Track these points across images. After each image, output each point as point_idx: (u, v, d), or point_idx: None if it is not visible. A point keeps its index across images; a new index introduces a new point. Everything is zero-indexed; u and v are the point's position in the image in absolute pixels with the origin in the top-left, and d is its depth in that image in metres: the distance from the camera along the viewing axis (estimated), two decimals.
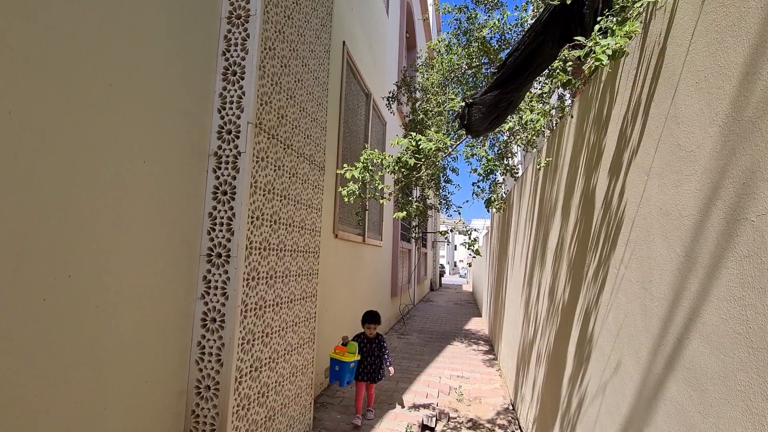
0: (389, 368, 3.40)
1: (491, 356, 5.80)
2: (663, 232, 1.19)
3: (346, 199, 2.43)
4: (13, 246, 1.23)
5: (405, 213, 2.56)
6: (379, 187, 2.47)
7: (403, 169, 2.13)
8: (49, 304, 1.33)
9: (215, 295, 2.06)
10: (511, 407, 3.78)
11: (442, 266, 28.84)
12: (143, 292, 1.74)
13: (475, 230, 2.59)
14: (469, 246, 2.57)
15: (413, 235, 5.16)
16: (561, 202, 2.35)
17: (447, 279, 32.34)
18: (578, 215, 2.01)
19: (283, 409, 2.55)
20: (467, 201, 3.41)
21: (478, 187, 3.16)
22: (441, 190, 4.72)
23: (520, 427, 3.31)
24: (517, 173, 4.23)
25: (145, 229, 1.75)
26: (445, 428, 3.31)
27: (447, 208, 4.98)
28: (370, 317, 3.41)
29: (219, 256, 2.09)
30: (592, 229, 1.76)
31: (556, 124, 2.84)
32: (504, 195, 4.68)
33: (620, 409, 1.40)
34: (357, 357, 3.16)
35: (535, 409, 2.82)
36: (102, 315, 1.54)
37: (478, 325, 8.75)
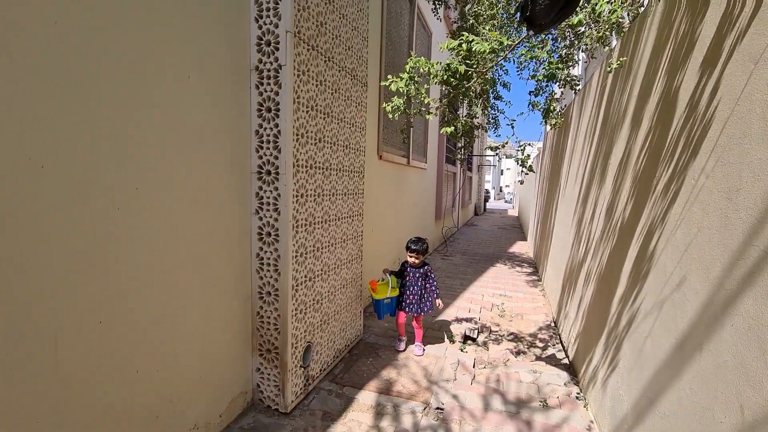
0: (437, 300, 3.12)
1: (535, 277, 5.84)
2: (765, 132, 1.01)
3: (390, 116, 2.32)
4: (89, 158, 1.31)
5: (452, 128, 2.41)
6: (425, 101, 2.31)
7: (452, 79, 1.95)
8: (122, 213, 1.45)
9: (268, 210, 2.16)
10: (553, 324, 3.87)
11: (487, 191, 28.27)
12: (205, 206, 1.85)
13: (529, 144, 2.38)
14: (522, 162, 2.42)
15: (459, 156, 4.96)
16: (632, 109, 2.09)
17: (492, 204, 31.88)
18: (652, 123, 1.78)
19: (336, 315, 2.78)
20: (522, 113, 3.00)
21: (535, 96, 2.83)
22: (490, 108, 4.38)
23: (561, 342, 3.41)
24: (578, 85, 3.79)
25: (199, 146, 1.79)
26: (486, 339, 3.48)
27: (495, 128, 4.66)
28: (415, 245, 3.05)
29: (268, 173, 2.13)
30: (669, 138, 1.56)
31: (635, 17, 2.41)
32: (561, 110, 4.27)
33: (678, 324, 1.35)
34: (393, 293, 3.04)
35: (578, 325, 2.85)
36: (170, 224, 1.67)
37: (522, 248, 8.72)
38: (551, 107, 2.50)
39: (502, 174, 59.84)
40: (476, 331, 3.49)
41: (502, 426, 2.21)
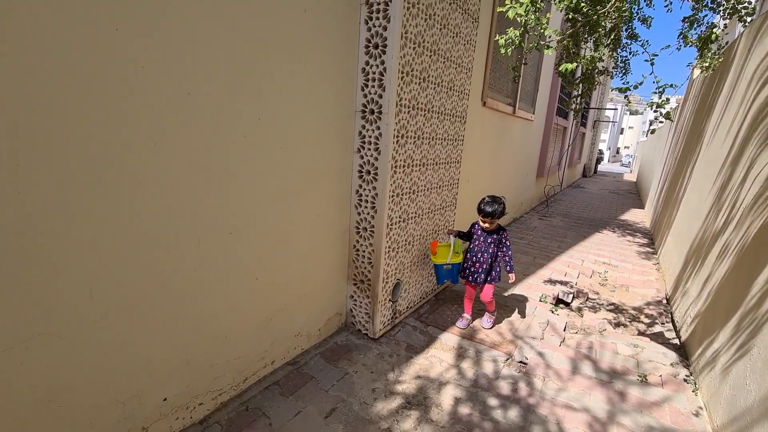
0: (510, 275, 2.62)
1: (649, 249, 5.17)
2: None
3: (502, 50, 2.11)
4: (223, 91, 1.47)
5: (574, 65, 2.10)
6: (546, 33, 2.04)
7: (582, 3, 1.66)
8: (248, 140, 1.63)
9: (369, 149, 2.21)
10: (664, 301, 3.44)
11: (601, 151, 24.96)
12: (313, 141, 1.97)
13: (671, 85, 1.92)
14: (658, 106, 2.01)
15: (573, 106, 4.40)
16: None
17: (605, 166, 28.29)
18: None
19: (426, 259, 2.85)
20: (667, 46, 2.33)
21: (689, 27, 2.24)
22: (621, 49, 3.70)
23: (672, 320, 3.03)
24: (751, 15, 2.96)
25: (310, 83, 1.88)
26: (581, 306, 3.26)
27: (624, 73, 3.95)
28: (490, 207, 2.47)
29: (372, 112, 2.16)
30: None
31: None
32: (720, 48, 3.43)
33: None
34: (455, 259, 2.62)
35: (701, 304, 2.48)
36: (284, 155, 1.83)
37: (637, 216, 7.70)
38: (711, 36, 1.98)
39: (621, 133, 51.90)
40: (571, 296, 3.28)
41: (590, 391, 2.11)
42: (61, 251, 1.12)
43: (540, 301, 3.22)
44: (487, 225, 2.54)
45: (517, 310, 3.00)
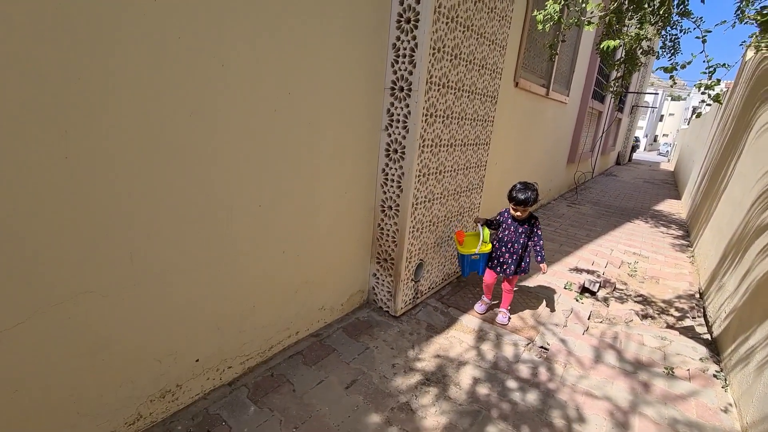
0: (541, 264, 2.44)
1: (684, 242, 4.95)
2: None
3: (540, 27, 2.02)
4: (255, 64, 1.48)
5: (617, 42, 1.98)
6: (588, 8, 1.93)
7: None
8: (279, 114, 1.64)
9: (397, 127, 2.19)
10: (697, 295, 3.30)
11: (637, 138, 23.77)
12: (340, 117, 1.97)
13: (724, 65, 1.77)
14: (707, 88, 1.88)
15: (612, 89, 4.19)
16: None
17: (640, 155, 27.00)
18: None
19: (449, 240, 2.84)
20: (723, 22, 2.14)
21: (744, 6, 2.05)
22: (670, 27, 3.46)
23: (705, 315, 2.92)
24: None
25: (338, 58, 1.86)
26: (608, 296, 3.18)
27: (672, 53, 3.70)
28: (522, 194, 2.31)
29: (401, 89, 2.13)
30: None
31: None
32: None
33: None
34: (483, 249, 2.46)
35: (737, 299, 2.38)
36: (313, 130, 1.84)
37: (673, 207, 7.36)
38: None
39: (660, 120, 49.09)
40: (597, 285, 3.21)
41: (612, 380, 2.08)
42: (106, 216, 1.18)
43: (565, 288, 3.16)
44: (518, 213, 2.38)
45: (540, 297, 2.97)
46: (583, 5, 1.97)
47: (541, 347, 2.32)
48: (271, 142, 1.65)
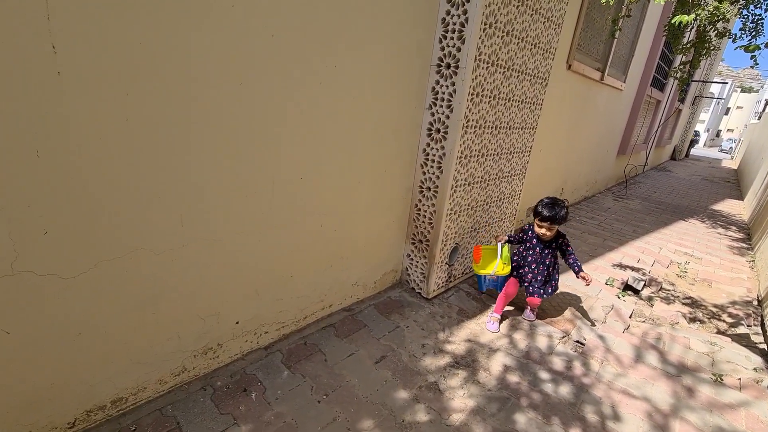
0: (581, 274, 2.19)
1: (744, 245, 4.57)
2: None
3: (603, 0, 1.86)
4: (304, 36, 1.48)
5: (692, 17, 1.78)
6: None
7: None
8: (324, 87, 1.64)
9: (441, 107, 2.14)
10: (756, 302, 3.06)
11: (697, 133, 21.92)
12: (384, 94, 1.94)
13: None
14: None
15: (677, 75, 3.86)
16: None
17: (699, 150, 24.96)
18: None
19: (487, 226, 2.77)
20: None
21: None
22: (755, 5, 3.09)
23: (762, 323, 2.70)
24: None
25: (385, 32, 1.82)
26: (653, 295, 3.01)
27: (754, 35, 3.31)
28: (549, 211, 2.11)
29: (448, 66, 2.06)
30: None
31: None
32: None
33: None
34: (502, 270, 2.26)
35: None
36: (357, 105, 1.82)
37: (733, 208, 6.79)
38: None
39: (726, 114, 44.85)
40: (642, 283, 3.04)
41: (653, 381, 1.98)
42: (161, 180, 1.24)
43: (606, 284, 3.02)
44: (544, 231, 2.17)
45: (578, 290, 2.85)
46: None
47: (577, 341, 2.24)
48: (315, 116, 1.65)
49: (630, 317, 2.60)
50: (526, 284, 2.34)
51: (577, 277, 2.20)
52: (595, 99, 4.59)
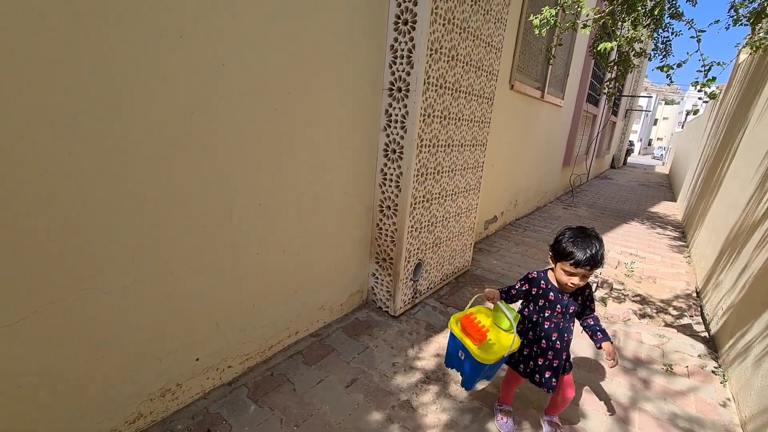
0: (605, 344, 1.46)
1: (680, 243, 4.99)
2: None
3: (536, 31, 2.06)
4: (255, 64, 1.49)
5: (613, 44, 2.01)
6: (583, 11, 1.97)
7: None
8: (279, 114, 1.66)
9: (395, 128, 2.21)
10: (694, 294, 3.33)
11: (632, 142, 23.97)
12: (340, 118, 1.99)
13: (719, 64, 1.80)
14: (703, 86, 1.92)
15: (606, 91, 4.24)
16: None
17: (635, 158, 27.22)
18: None
19: (447, 241, 2.85)
20: (716, 21, 2.17)
21: (738, 6, 2.10)
22: (662, 29, 3.52)
23: (702, 314, 2.94)
24: None
25: (336, 58, 1.88)
26: (606, 296, 3.19)
27: (665, 55, 3.76)
28: (586, 251, 1.33)
29: (399, 90, 2.15)
30: None
31: None
32: None
33: None
34: (510, 347, 1.41)
35: (734, 296, 2.40)
36: (312, 128, 1.85)
37: (668, 209, 7.42)
38: (766, 9, 1.85)
39: (654, 124, 49.55)
40: (595, 285, 3.23)
41: (612, 377, 2.09)
42: (109, 213, 1.19)
43: None
44: (575, 281, 1.37)
45: None
46: (579, 9, 2.01)
47: None
48: (270, 141, 1.66)
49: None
50: (535, 376, 1.53)
51: (597, 347, 1.48)
52: (538, 115, 4.93)
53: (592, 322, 1.53)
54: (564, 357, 1.51)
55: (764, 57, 3.64)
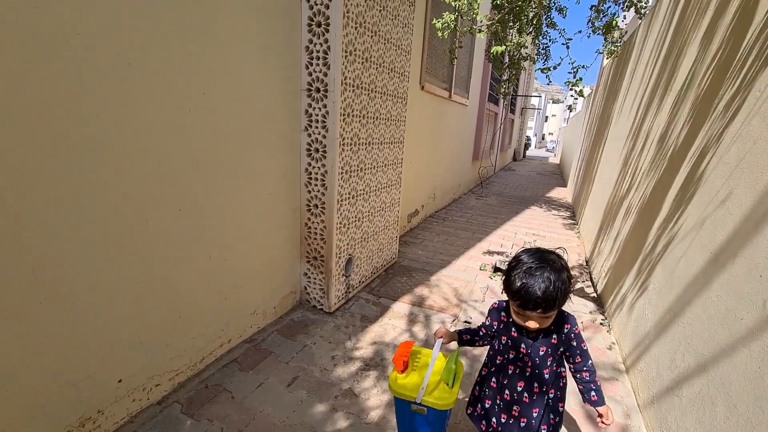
0: (600, 409, 1.18)
1: (571, 221, 5.78)
2: None
3: (439, 34, 2.27)
4: (165, 63, 1.43)
5: (504, 47, 2.32)
6: (477, 18, 2.22)
7: None
8: (194, 115, 1.60)
9: (317, 127, 2.25)
10: (584, 263, 3.91)
11: (528, 138, 26.93)
12: (259, 119, 1.97)
13: (583, 67, 2.23)
14: (573, 86, 2.31)
15: (503, 90, 4.76)
16: (705, 24, 1.93)
17: (532, 151, 30.55)
18: (725, 36, 1.66)
19: (375, 235, 2.97)
20: (579, 32, 2.67)
21: (596, 14, 2.57)
22: (542, 37, 4.08)
23: (591, 278, 3.48)
24: (645, 7, 3.44)
25: (251, 59, 1.87)
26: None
27: (545, 59, 4.36)
28: (530, 284, 1.02)
29: (317, 90, 2.20)
30: (741, 49, 1.47)
31: None
32: (622, 36, 3.92)
33: (716, 239, 1.38)
34: (443, 396, 1.22)
35: (611, 259, 2.89)
36: (230, 131, 1.81)
37: (560, 193, 8.52)
38: (612, 23, 2.30)
39: (546, 121, 56.27)
40: (506, 264, 3.61)
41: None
42: (1, 228, 1.06)
43: (480, 269, 3.50)
44: (530, 324, 1.09)
45: (460, 279, 3.25)
46: (474, 16, 2.26)
47: (465, 321, 2.56)
48: (186, 144, 1.59)
49: (502, 293, 3.07)
50: (491, 429, 1.24)
51: (591, 406, 1.19)
52: (447, 114, 5.32)
53: (587, 377, 1.18)
54: (535, 415, 1.16)
55: (619, 62, 4.41)
